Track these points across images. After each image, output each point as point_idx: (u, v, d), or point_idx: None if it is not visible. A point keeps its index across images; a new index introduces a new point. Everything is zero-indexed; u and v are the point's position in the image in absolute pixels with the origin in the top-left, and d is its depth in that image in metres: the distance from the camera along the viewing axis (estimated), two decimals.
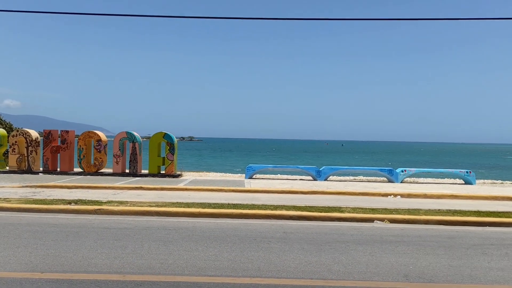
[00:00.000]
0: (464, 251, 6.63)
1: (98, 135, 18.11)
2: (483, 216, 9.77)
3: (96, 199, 11.10)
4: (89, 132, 18.34)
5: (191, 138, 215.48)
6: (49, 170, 17.93)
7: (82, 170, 17.94)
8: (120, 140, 17.79)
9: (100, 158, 17.91)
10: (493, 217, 9.71)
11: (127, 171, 18.03)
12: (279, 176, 19.81)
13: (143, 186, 14.16)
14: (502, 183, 19.11)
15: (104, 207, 9.91)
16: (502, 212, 10.47)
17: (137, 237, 7.13)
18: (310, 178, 18.43)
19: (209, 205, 10.39)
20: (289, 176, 19.60)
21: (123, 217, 9.16)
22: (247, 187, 14.68)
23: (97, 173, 17.77)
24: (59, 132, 18.35)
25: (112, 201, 10.93)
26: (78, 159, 17.97)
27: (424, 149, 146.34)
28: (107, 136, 19.92)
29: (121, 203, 10.60)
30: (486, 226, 9.10)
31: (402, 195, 13.57)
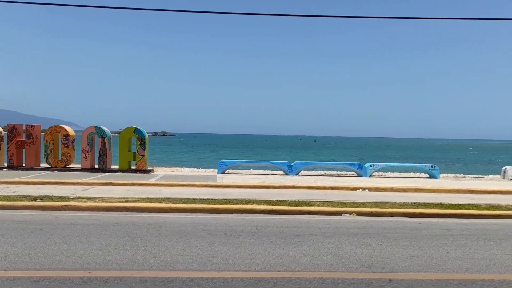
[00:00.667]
0: (426, 242, 6.87)
1: (65, 129, 17.65)
2: (445, 208, 10.13)
3: (64, 195, 10.84)
4: (56, 126, 17.85)
5: (164, 133, 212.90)
6: (14, 166, 17.36)
7: (49, 166, 17.46)
8: (89, 135, 17.40)
9: (68, 153, 17.47)
10: (454, 209, 10.08)
11: (96, 166, 17.67)
12: (251, 171, 19.87)
13: (112, 181, 13.92)
14: (464, 176, 19.82)
15: (72, 203, 9.70)
16: (462, 204, 10.88)
17: (104, 233, 7.02)
18: (282, 173, 18.58)
19: (180, 200, 10.34)
20: (262, 171, 19.69)
21: (91, 213, 9.00)
22: (219, 182, 14.67)
23: (65, 169, 17.34)
24: (24, 127, 17.77)
25: (80, 197, 10.71)
26: (45, 155, 17.47)
27: (394, 145, 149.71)
28: (76, 131, 19.45)
29: (89, 199, 10.40)
30: (447, 217, 9.45)
31: (370, 189, 13.88)
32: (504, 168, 19.05)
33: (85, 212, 9.15)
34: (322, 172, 19.74)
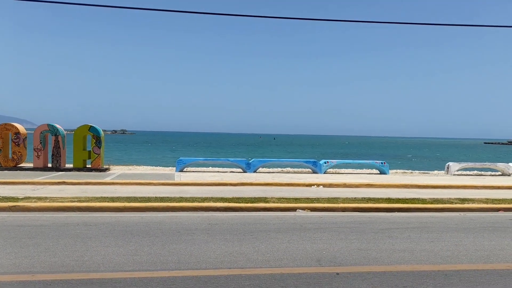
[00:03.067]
0: (373, 235, 7.03)
1: (16, 127, 16.73)
2: (393, 203, 10.46)
3: (12, 196, 10.25)
4: (6, 124, 16.88)
5: (123, 131, 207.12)
6: None
7: None
8: (41, 133, 16.59)
9: (19, 152, 16.58)
10: (401, 203, 10.43)
11: (49, 165, 16.88)
12: (210, 168, 19.70)
13: (66, 180, 13.34)
14: (411, 172, 20.60)
15: (20, 203, 9.19)
16: (409, 198, 11.29)
17: (53, 234, 6.68)
18: (240, 170, 18.54)
19: (135, 199, 10.05)
20: (220, 169, 19.56)
21: (41, 214, 8.56)
22: (177, 180, 14.41)
23: (16, 168, 16.44)
24: None
25: (30, 197, 10.16)
26: None
27: (349, 142, 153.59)
28: (32, 129, 18.49)
29: (39, 199, 9.89)
30: (394, 211, 9.76)
31: (324, 185, 14.10)
32: (447, 164, 19.96)
33: (34, 213, 8.69)
34: (279, 169, 19.88)
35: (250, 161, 18.47)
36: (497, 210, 10.27)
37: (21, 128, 16.94)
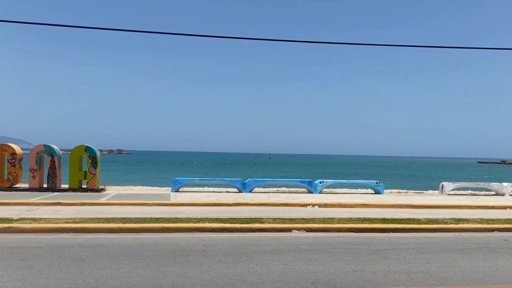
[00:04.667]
0: (368, 257, 6.99)
1: (12, 148, 16.66)
2: (388, 223, 10.42)
3: (7, 217, 10.13)
4: (2, 145, 16.82)
5: (120, 151, 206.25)
6: None
7: None
8: (37, 153, 16.53)
9: (15, 172, 16.47)
10: (396, 223, 10.40)
11: (45, 186, 16.76)
12: (205, 188, 19.62)
13: (61, 201, 13.21)
14: (406, 192, 20.61)
15: (15, 224, 9.08)
16: (404, 219, 11.26)
17: (47, 256, 6.59)
18: (236, 190, 18.47)
19: (130, 220, 9.96)
20: (216, 189, 19.49)
21: (36, 235, 8.46)
22: (172, 201, 14.33)
23: (11, 189, 16.30)
24: None
25: (24, 218, 10.04)
26: None
27: (343, 162, 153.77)
28: (28, 149, 18.42)
29: (34, 220, 9.78)
30: (390, 232, 9.72)
31: (320, 205, 14.06)
32: (442, 183, 20.00)
33: (28, 234, 8.58)
34: (274, 189, 19.83)
35: (245, 181, 18.43)
36: (492, 230, 10.26)
37: (17, 148, 16.87)
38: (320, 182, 18.60)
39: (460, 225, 10.38)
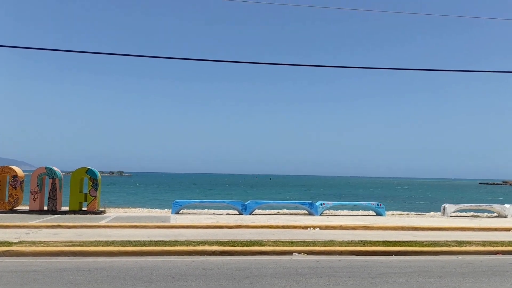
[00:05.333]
0: (370, 281, 6.89)
1: (14, 170, 16.66)
2: (390, 246, 10.30)
3: (7, 240, 10.05)
4: (4, 167, 16.84)
5: (120, 173, 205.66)
6: None
7: None
8: (39, 175, 16.52)
9: (16, 194, 16.40)
10: (398, 246, 10.28)
11: (45, 208, 16.67)
12: (206, 210, 19.50)
13: (61, 224, 13.13)
14: (408, 214, 20.45)
15: (14, 248, 9.00)
16: (406, 241, 11.13)
17: (46, 281, 6.51)
18: (236, 212, 18.35)
19: (130, 243, 9.86)
20: (216, 211, 19.37)
21: (35, 259, 8.37)
22: (172, 223, 14.24)
23: (11, 211, 16.21)
24: None
25: (24, 241, 9.96)
26: None
27: (344, 183, 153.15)
28: (29, 171, 18.41)
29: (34, 243, 9.69)
30: (392, 255, 9.60)
31: (321, 227, 13.95)
32: (443, 205, 19.87)
33: (28, 258, 8.50)
34: (275, 211, 19.70)
35: (246, 203, 18.33)
36: (495, 253, 10.13)
37: (19, 171, 16.86)
38: (321, 204, 18.49)
39: (463, 248, 10.26)
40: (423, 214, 20.40)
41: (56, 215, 15.67)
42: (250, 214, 17.90)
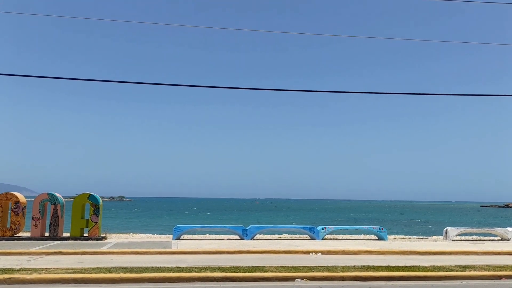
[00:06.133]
0: None
1: (16, 196, 16.63)
2: (393, 271, 10.18)
3: (8, 267, 9.97)
4: (6, 193, 16.81)
5: (121, 198, 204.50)
6: None
7: None
8: (41, 202, 16.47)
9: (17, 221, 16.31)
10: (402, 271, 10.16)
11: (46, 234, 16.54)
12: (207, 236, 19.33)
13: (62, 250, 13.01)
14: (410, 238, 20.25)
15: (16, 275, 8.93)
16: (409, 266, 11.01)
17: None
18: (238, 237, 18.19)
19: (131, 270, 9.76)
20: (217, 236, 19.20)
21: (36, 286, 8.30)
22: (173, 249, 14.11)
23: (13, 238, 16.08)
24: None
25: (25, 268, 9.88)
26: None
27: (344, 206, 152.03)
28: (31, 197, 18.37)
29: (35, 270, 9.61)
30: (396, 280, 9.48)
31: (323, 252, 13.81)
32: (445, 229, 19.70)
33: (29, 285, 8.43)
34: (277, 236, 19.52)
35: (247, 228, 18.19)
36: (499, 277, 10.01)
37: (21, 197, 16.82)
38: (323, 228, 18.34)
39: (467, 273, 10.15)
40: (425, 238, 20.19)
41: (57, 242, 15.54)
42: (251, 239, 17.73)
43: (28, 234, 16.70)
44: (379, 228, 18.83)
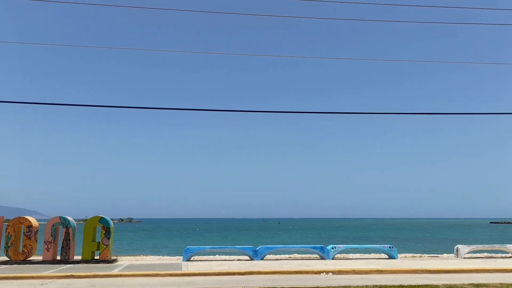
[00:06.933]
0: None
1: (29, 220, 16.71)
2: None
3: None
4: (19, 218, 16.90)
5: (130, 220, 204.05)
6: None
7: (8, 259, 16.16)
8: (53, 225, 16.52)
9: (30, 245, 16.34)
10: None
11: (58, 258, 16.52)
12: (217, 257, 19.16)
13: (74, 274, 12.98)
14: (421, 256, 19.91)
15: None
16: (422, 285, 10.83)
17: None
18: (248, 257, 18.02)
19: None
20: (227, 257, 19.03)
21: None
22: (184, 271, 14.01)
23: (25, 261, 16.07)
24: None
25: None
26: (5, 247, 16.23)
27: (354, 224, 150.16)
28: (41, 220, 18.43)
29: None
30: None
31: (334, 272, 13.63)
32: (456, 246, 19.37)
33: None
34: (286, 256, 19.30)
35: (257, 248, 18.03)
36: None
37: (33, 221, 16.90)
38: (333, 248, 18.13)
39: None
40: (436, 256, 19.83)
41: (69, 265, 15.50)
42: (261, 259, 17.56)
43: (40, 258, 16.69)
44: (389, 247, 18.56)
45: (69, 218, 16.87)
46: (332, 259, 17.68)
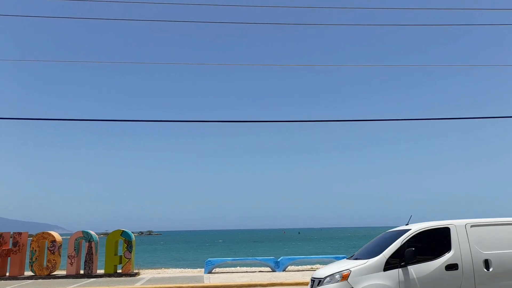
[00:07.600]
0: None
1: (52, 235, 16.92)
2: None
3: None
4: (43, 233, 17.14)
5: (150, 232, 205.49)
6: None
7: (33, 274, 16.36)
8: (76, 240, 16.68)
9: (54, 260, 16.52)
10: None
11: (81, 272, 16.64)
12: (238, 268, 19.00)
13: None
14: None
15: None
16: None
17: None
18: (269, 269, 17.81)
19: None
20: (248, 268, 18.85)
21: None
22: (206, 283, 13.90)
23: (49, 276, 16.24)
24: (11, 234, 16.98)
25: None
26: (30, 262, 16.46)
27: (373, 234, 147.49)
28: (62, 234, 18.65)
29: None
30: None
31: None
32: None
33: None
34: (308, 267, 19.00)
35: (278, 259, 17.81)
36: None
37: (57, 236, 17.11)
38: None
39: None
40: None
41: (92, 279, 15.58)
42: (283, 270, 17.32)
43: (63, 272, 16.84)
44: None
45: (92, 232, 17.02)
46: None
